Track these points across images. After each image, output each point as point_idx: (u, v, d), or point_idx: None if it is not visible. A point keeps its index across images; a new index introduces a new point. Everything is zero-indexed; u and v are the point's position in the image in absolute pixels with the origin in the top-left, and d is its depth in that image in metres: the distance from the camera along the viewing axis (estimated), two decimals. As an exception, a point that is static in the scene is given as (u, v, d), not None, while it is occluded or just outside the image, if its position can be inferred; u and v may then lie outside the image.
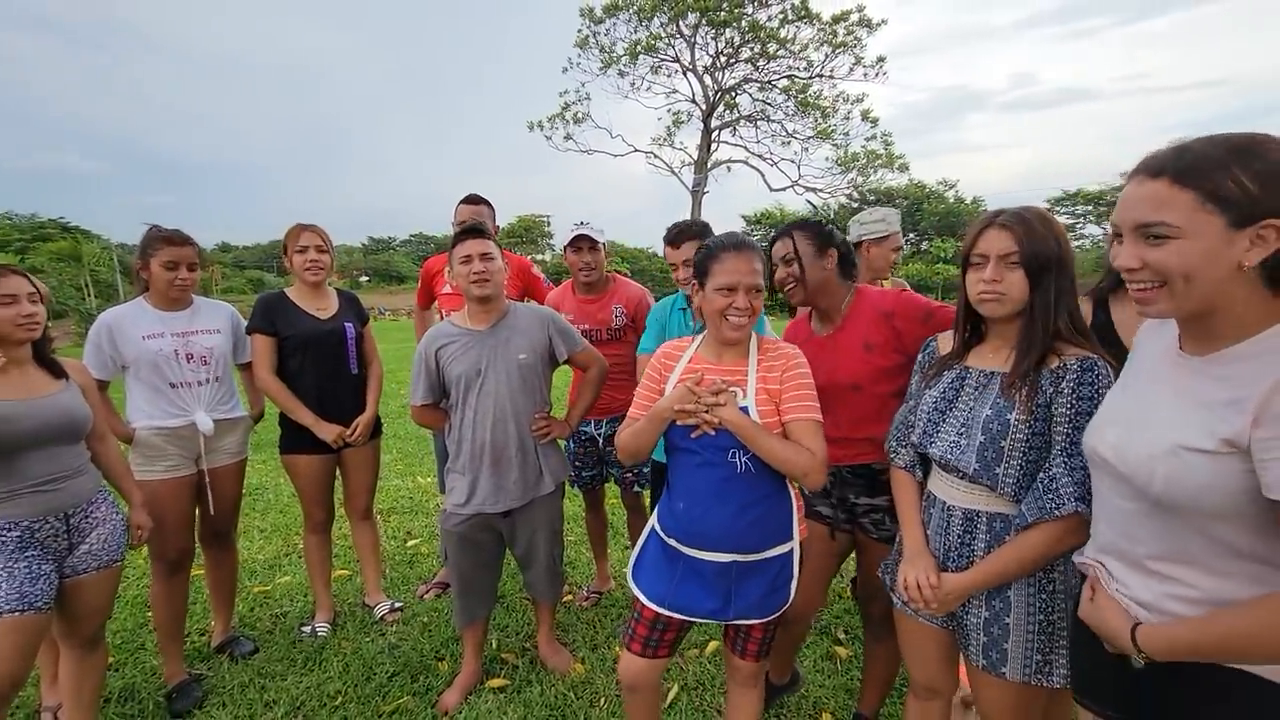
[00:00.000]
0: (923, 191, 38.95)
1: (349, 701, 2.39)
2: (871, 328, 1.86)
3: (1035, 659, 1.38)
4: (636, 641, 1.76)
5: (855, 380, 1.85)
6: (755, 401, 1.61)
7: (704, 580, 1.66)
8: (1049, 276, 1.33)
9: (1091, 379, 1.28)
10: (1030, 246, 1.32)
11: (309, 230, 2.77)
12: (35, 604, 1.77)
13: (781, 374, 1.64)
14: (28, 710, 2.33)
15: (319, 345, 2.71)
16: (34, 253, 23.31)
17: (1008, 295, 1.36)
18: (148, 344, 2.36)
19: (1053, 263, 1.33)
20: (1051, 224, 1.36)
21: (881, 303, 1.89)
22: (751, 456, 1.59)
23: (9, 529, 1.77)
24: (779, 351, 1.69)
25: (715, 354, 1.72)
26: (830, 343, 1.93)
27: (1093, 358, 1.30)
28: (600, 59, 24.84)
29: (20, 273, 1.85)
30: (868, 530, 1.95)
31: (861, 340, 1.87)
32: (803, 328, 2.07)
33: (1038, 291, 1.34)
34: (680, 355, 1.76)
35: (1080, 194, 32.17)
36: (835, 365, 1.88)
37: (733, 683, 1.86)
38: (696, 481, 1.65)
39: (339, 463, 2.86)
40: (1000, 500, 1.39)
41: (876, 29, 23.25)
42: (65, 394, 1.91)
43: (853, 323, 1.91)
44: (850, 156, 25.30)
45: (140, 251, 2.42)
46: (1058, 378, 1.31)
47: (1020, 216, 1.36)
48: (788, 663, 2.38)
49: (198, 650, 2.75)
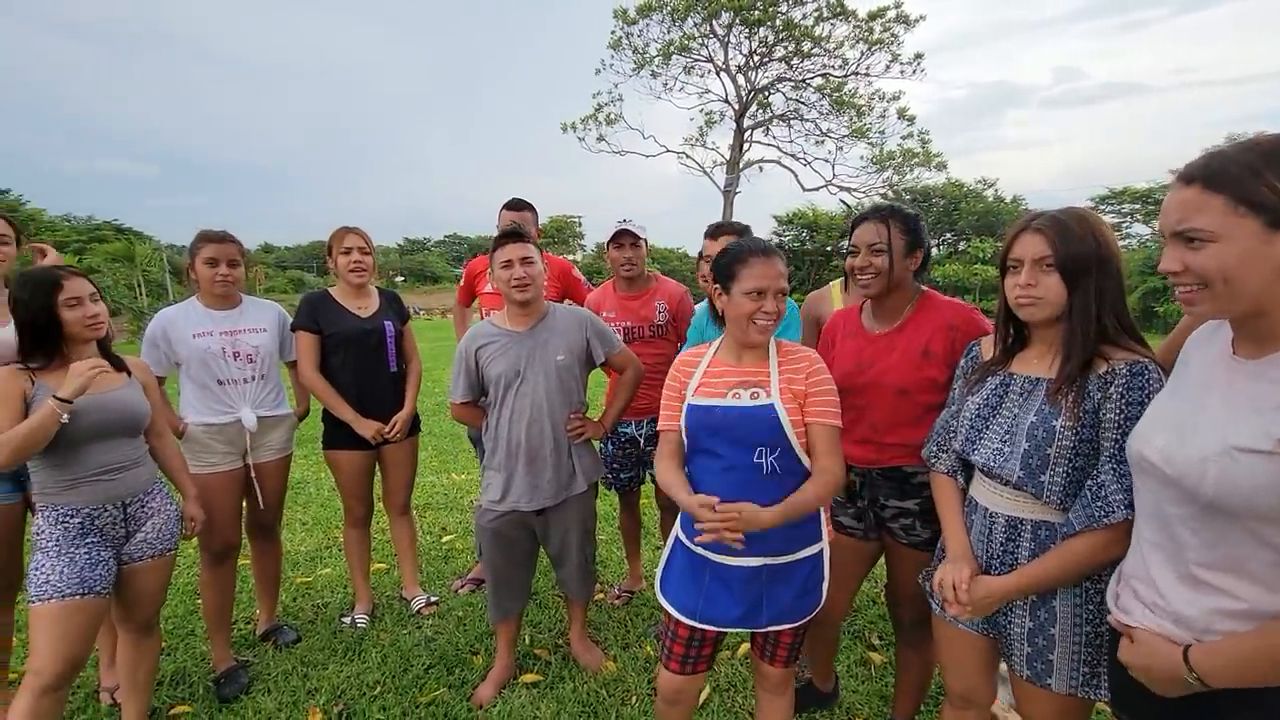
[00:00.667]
0: (960, 190, 37.98)
1: (387, 692, 2.45)
2: (935, 336, 1.80)
3: (1082, 671, 1.34)
4: (674, 660, 1.76)
5: (904, 385, 1.80)
6: (781, 400, 1.60)
7: (732, 588, 1.65)
8: (1087, 279, 1.29)
9: (1141, 383, 1.24)
10: (1065, 249, 1.29)
11: (353, 233, 2.84)
12: (95, 589, 1.86)
13: (806, 376, 1.63)
14: (87, 690, 2.44)
15: (360, 343, 2.78)
16: (90, 253, 24.33)
17: (1044, 300, 1.33)
18: (197, 342, 2.45)
19: (1091, 264, 1.29)
20: (1091, 224, 1.32)
21: (949, 313, 1.83)
22: (778, 457, 1.59)
23: (71, 516, 1.86)
24: (799, 354, 1.69)
25: (735, 356, 1.72)
26: (886, 342, 1.87)
27: (1143, 361, 1.26)
28: (633, 60, 24.89)
29: (81, 274, 1.94)
30: (897, 536, 1.92)
31: (922, 346, 1.80)
32: (852, 319, 2.01)
33: (1076, 294, 1.30)
34: (698, 361, 1.76)
35: (1127, 192, 30.94)
36: (887, 366, 1.83)
37: (762, 689, 1.85)
38: (722, 486, 1.60)
39: (378, 459, 2.93)
40: (1045, 508, 1.36)
41: (914, 25, 22.79)
42: (127, 390, 2.00)
43: (915, 326, 1.84)
44: (886, 155, 24.86)
45: (189, 252, 2.53)
46: (1106, 383, 1.27)
47: (1054, 219, 1.33)
48: (829, 669, 2.35)
49: (244, 638, 2.85)
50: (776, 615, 1.66)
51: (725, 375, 1.69)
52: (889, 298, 1.88)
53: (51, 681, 1.79)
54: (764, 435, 1.60)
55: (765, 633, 1.73)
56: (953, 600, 1.43)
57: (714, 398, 1.66)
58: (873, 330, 1.93)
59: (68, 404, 1.77)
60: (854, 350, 1.93)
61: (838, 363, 1.92)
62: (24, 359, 1.84)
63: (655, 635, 2.83)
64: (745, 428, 1.60)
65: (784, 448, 1.59)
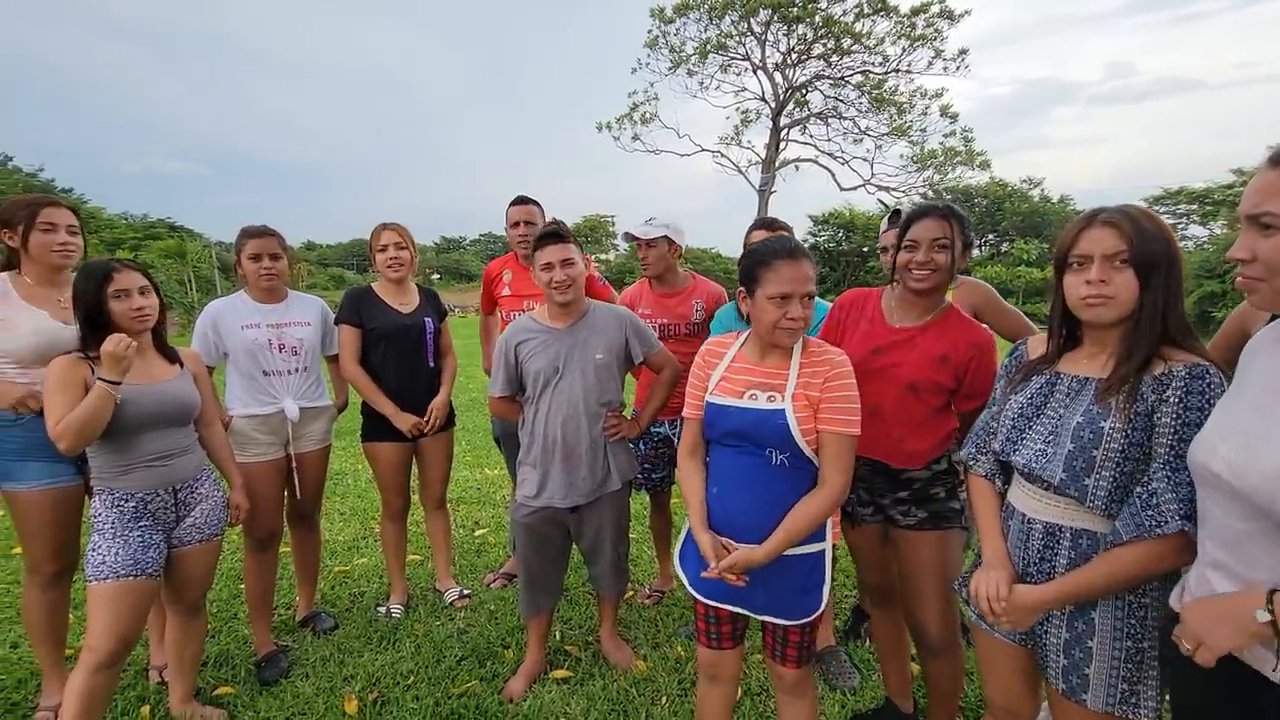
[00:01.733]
0: (1004, 190, 36.97)
1: (420, 681, 2.49)
2: (958, 348, 1.81)
3: (1120, 688, 1.28)
4: (701, 634, 1.82)
5: (917, 381, 1.82)
6: (793, 406, 1.58)
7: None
8: (1159, 277, 1.23)
9: (1201, 388, 1.17)
10: (1141, 244, 1.22)
11: (389, 229, 2.89)
12: (147, 570, 1.93)
13: (824, 381, 1.59)
14: (137, 668, 2.54)
15: (400, 338, 2.84)
16: (145, 250, 25.46)
17: (1116, 298, 1.25)
18: (245, 333, 2.53)
19: (1163, 262, 1.22)
20: (1157, 221, 1.27)
21: (978, 334, 1.84)
22: (789, 455, 1.59)
23: (125, 500, 1.94)
24: (824, 356, 1.64)
25: (758, 355, 1.70)
26: (906, 338, 1.87)
27: (1203, 364, 1.19)
28: (669, 59, 24.89)
29: (134, 267, 2.01)
30: (896, 520, 1.93)
31: (942, 352, 1.81)
32: (871, 304, 1.99)
33: (1147, 293, 1.23)
34: (723, 353, 1.76)
35: (1183, 191, 29.62)
36: (903, 360, 1.84)
37: (779, 691, 1.84)
38: (731, 469, 1.67)
39: (415, 452, 2.98)
40: (1088, 515, 1.30)
41: (958, 20, 22.25)
42: (180, 381, 2.07)
43: (939, 331, 1.85)
44: (927, 154, 24.32)
45: (234, 248, 2.62)
46: (1162, 385, 1.21)
47: (1125, 213, 1.26)
48: (905, 682, 2.22)
49: (284, 623, 2.92)
50: (775, 606, 1.66)
51: (746, 374, 1.68)
52: (932, 295, 1.86)
53: (105, 658, 1.86)
54: (774, 438, 1.60)
55: (773, 631, 1.73)
56: (988, 611, 1.39)
57: (730, 397, 1.66)
58: (892, 321, 1.92)
59: (116, 384, 1.83)
60: (869, 335, 1.93)
61: (851, 343, 1.92)
62: (83, 348, 1.92)
63: (686, 635, 2.81)
64: (757, 430, 1.61)
65: (794, 451, 1.59)
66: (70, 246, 2.18)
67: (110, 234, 33.22)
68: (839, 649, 2.64)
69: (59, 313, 2.15)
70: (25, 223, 2.12)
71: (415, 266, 2.96)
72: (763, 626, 1.75)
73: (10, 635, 2.80)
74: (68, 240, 2.17)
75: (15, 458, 2.10)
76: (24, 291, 2.15)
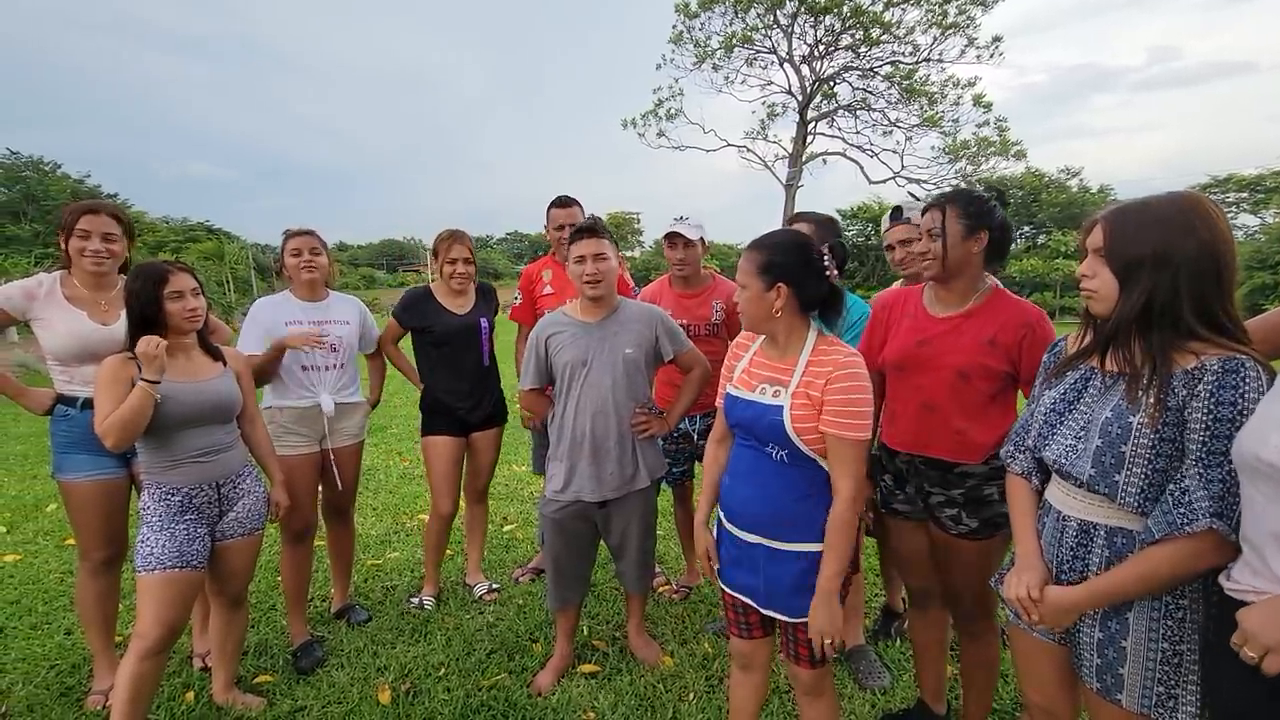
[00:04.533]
0: (1041, 181, 35.94)
1: (451, 674, 2.53)
2: (1006, 329, 1.78)
3: (1157, 690, 1.25)
4: (732, 625, 1.85)
5: (965, 368, 1.79)
6: (791, 403, 1.58)
7: (742, 555, 1.73)
8: (1144, 275, 1.20)
9: (1235, 381, 1.12)
10: (1116, 244, 1.24)
11: (459, 243, 2.97)
12: (192, 562, 2.00)
13: (827, 380, 1.56)
14: (182, 655, 2.64)
15: (456, 340, 2.96)
16: (186, 252, 26.30)
17: (1099, 293, 1.28)
18: (290, 329, 2.62)
19: (1146, 261, 1.20)
20: (1155, 219, 1.21)
21: (1028, 312, 1.80)
22: (787, 451, 1.61)
23: (172, 494, 2.01)
24: (830, 356, 1.60)
25: (777, 350, 1.71)
26: (951, 326, 1.85)
27: (1238, 358, 1.14)
28: (694, 54, 24.72)
29: (187, 270, 2.08)
30: (945, 525, 1.89)
31: (990, 334, 1.79)
32: (913, 300, 1.98)
33: (1124, 289, 1.23)
34: (749, 346, 1.80)
35: (1232, 179, 28.40)
36: (949, 348, 1.82)
37: (798, 692, 1.83)
38: (740, 459, 1.75)
39: (469, 445, 3.08)
40: (1122, 513, 1.26)
41: (992, 7, 21.67)
42: (222, 379, 2.14)
43: (985, 315, 1.82)
44: (959, 145, 23.75)
45: (279, 249, 2.73)
46: (1193, 379, 1.16)
47: (1121, 209, 1.26)
48: (939, 682, 2.18)
49: (319, 614, 3.01)
50: (775, 600, 1.68)
51: (763, 368, 1.70)
52: (954, 282, 1.86)
53: (154, 645, 1.94)
54: (770, 434, 1.61)
55: (786, 630, 1.73)
56: (1023, 611, 1.38)
57: (744, 389, 1.70)
58: (935, 313, 1.91)
59: (155, 383, 1.90)
60: (913, 328, 1.92)
61: (896, 339, 1.93)
62: (131, 347, 1.99)
63: (713, 631, 2.81)
64: (756, 424, 1.64)
65: (791, 448, 1.60)
66: (102, 254, 2.25)
67: (153, 237, 34.38)
68: (868, 648, 2.61)
69: (98, 314, 2.25)
70: (67, 228, 2.22)
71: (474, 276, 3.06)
72: (779, 625, 1.76)
73: (65, 622, 2.93)
74: (100, 248, 2.24)
75: (64, 450, 2.22)
76: (70, 292, 2.25)
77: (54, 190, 32.86)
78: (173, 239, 34.38)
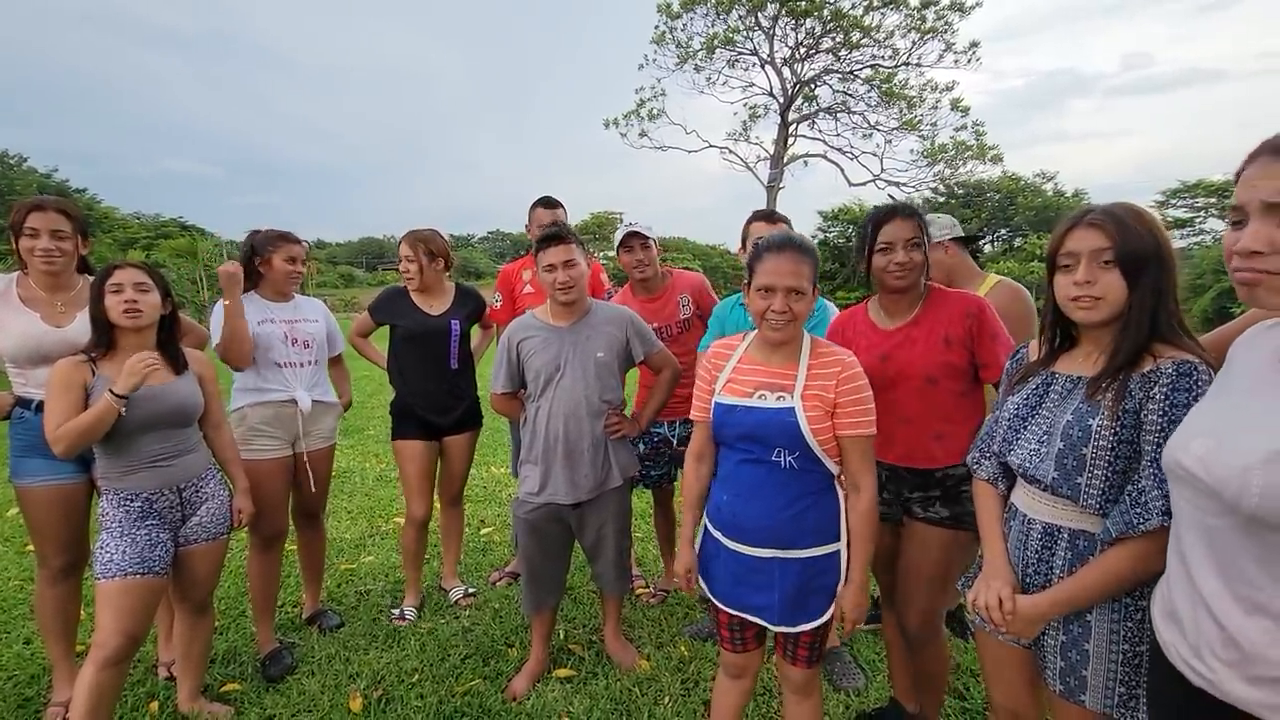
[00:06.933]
0: (1017, 184, 36.57)
1: (425, 680, 2.50)
2: (953, 323, 1.84)
3: (1119, 691, 1.27)
4: (725, 641, 1.83)
5: (931, 373, 1.83)
6: (803, 405, 1.57)
7: (751, 575, 1.67)
8: (1147, 275, 1.22)
9: (1188, 384, 1.15)
10: (1125, 244, 1.22)
11: (403, 242, 2.94)
12: (154, 568, 1.95)
13: (838, 382, 1.58)
14: (146, 664, 2.57)
15: (422, 340, 2.91)
16: (157, 249, 25.66)
17: (1104, 299, 1.25)
18: (262, 328, 2.58)
19: (1150, 260, 1.21)
20: (1145, 218, 1.25)
21: (965, 301, 1.86)
22: (797, 456, 1.59)
23: (131, 499, 1.96)
24: (833, 356, 1.63)
25: (765, 355, 1.69)
26: (903, 336, 1.89)
27: (1191, 361, 1.17)
28: (676, 54, 24.71)
29: (140, 266, 2.02)
30: (914, 512, 1.92)
31: (942, 334, 1.84)
32: (860, 319, 2.02)
33: (1135, 292, 1.23)
34: (730, 354, 1.75)
35: (1201, 185, 29.13)
36: (910, 357, 1.86)
37: (787, 691, 1.83)
38: (741, 476, 1.67)
39: (441, 449, 3.03)
40: (1085, 515, 1.29)
41: (969, 12, 21.95)
42: (180, 384, 2.08)
43: (930, 317, 1.88)
44: (938, 148, 24.05)
45: (260, 249, 2.63)
46: (1149, 382, 1.19)
47: (1110, 212, 1.25)
48: (910, 685, 2.19)
49: (290, 621, 2.95)
50: (788, 615, 1.64)
51: (754, 374, 1.67)
52: (907, 293, 1.90)
53: (113, 654, 1.88)
54: (783, 438, 1.59)
55: (785, 630, 1.71)
56: (991, 623, 1.39)
57: (739, 397, 1.66)
58: (885, 326, 1.94)
59: (123, 399, 1.85)
60: (871, 346, 1.94)
61: (860, 359, 1.89)
62: (92, 348, 1.94)
63: (690, 635, 2.81)
64: (765, 430, 1.60)
65: (803, 450, 1.58)
66: (54, 252, 2.16)
67: (123, 233, 33.59)
68: (843, 649, 2.63)
69: (52, 316, 2.18)
70: (16, 228, 2.15)
71: (445, 267, 2.99)
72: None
73: (24, 631, 2.84)
74: (50, 246, 2.15)
75: (20, 454, 2.15)
76: (25, 293, 2.18)
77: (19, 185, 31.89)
78: (143, 235, 33.57)
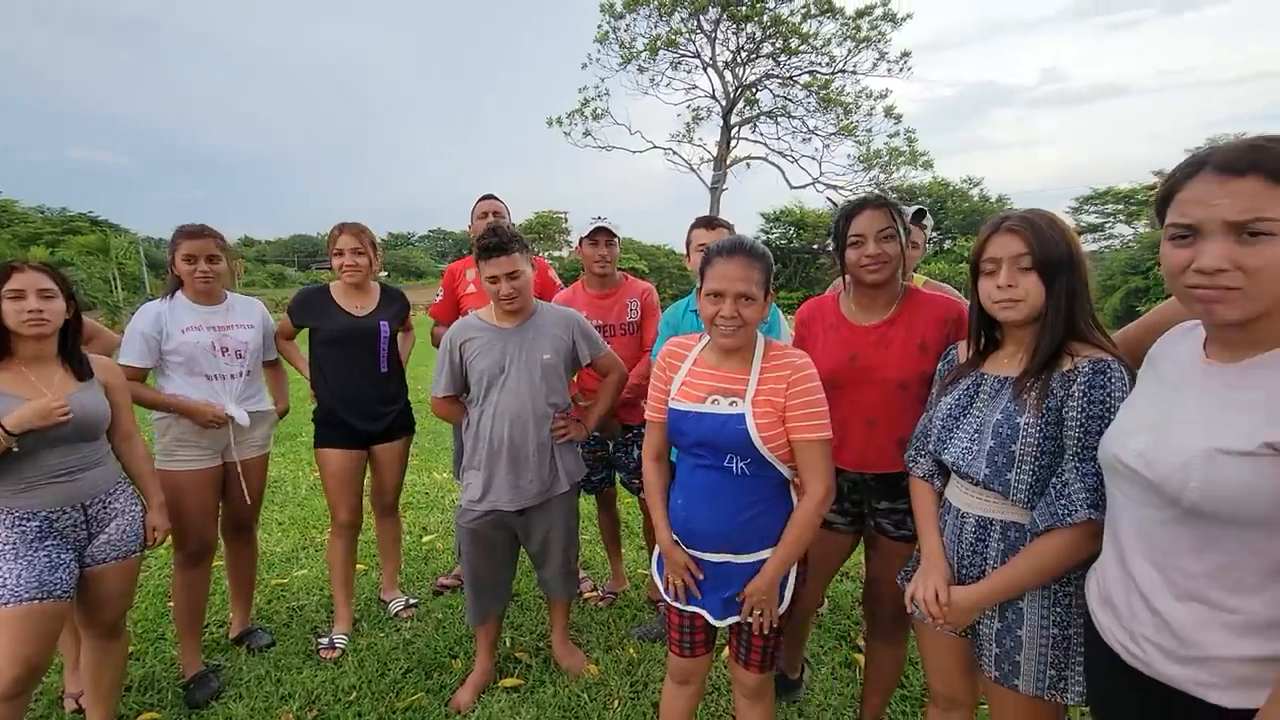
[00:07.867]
0: (946, 189, 38.36)
1: (363, 697, 2.39)
2: (930, 329, 1.78)
3: (1049, 674, 1.34)
4: (674, 644, 1.81)
5: (905, 378, 1.78)
6: (753, 411, 1.56)
7: (704, 576, 1.69)
8: (1061, 278, 1.30)
9: (1103, 382, 1.24)
10: (1041, 248, 1.30)
11: (346, 232, 2.73)
12: (54, 592, 1.79)
13: (788, 386, 1.57)
14: (51, 697, 2.36)
15: (349, 342, 2.71)
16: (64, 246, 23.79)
17: (1024, 300, 1.33)
18: (187, 337, 2.39)
19: (1064, 264, 1.30)
20: (1059, 225, 1.34)
21: (947, 307, 1.81)
22: (749, 462, 1.58)
23: (28, 519, 1.79)
24: (785, 360, 1.61)
25: (718, 359, 1.67)
26: (879, 335, 1.83)
27: (1106, 359, 1.26)
28: (620, 54, 24.79)
29: (41, 269, 1.86)
30: (885, 530, 1.91)
31: (919, 339, 1.79)
32: (830, 309, 1.96)
33: (1051, 293, 1.31)
34: (685, 355, 1.73)
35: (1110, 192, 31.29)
36: (885, 359, 1.80)
37: (739, 694, 1.83)
38: (694, 481, 1.67)
39: (370, 458, 2.85)
40: (1014, 508, 1.36)
41: (901, 23, 22.90)
42: (85, 394, 1.92)
43: (907, 319, 1.82)
44: (872, 154, 24.98)
45: (169, 248, 2.45)
46: (1069, 380, 1.27)
47: (1026, 219, 1.33)
48: (797, 656, 2.38)
49: (216, 641, 2.77)
50: (731, 610, 1.67)
51: (708, 378, 1.65)
52: (884, 288, 1.84)
53: (10, 688, 1.72)
54: (734, 445, 1.58)
55: (739, 634, 1.73)
56: (928, 615, 1.44)
57: (692, 402, 1.64)
58: (858, 321, 1.88)
59: (11, 436, 1.70)
60: (839, 341, 1.88)
61: (824, 355, 1.86)
62: None
63: (638, 636, 2.80)
64: (717, 436, 1.59)
65: (754, 457, 1.58)
66: None
67: (24, 228, 31.00)
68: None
69: None
70: None
71: (378, 268, 2.84)
72: (730, 629, 1.75)
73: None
74: None
75: None
76: None
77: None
78: (48, 231, 31.06)
